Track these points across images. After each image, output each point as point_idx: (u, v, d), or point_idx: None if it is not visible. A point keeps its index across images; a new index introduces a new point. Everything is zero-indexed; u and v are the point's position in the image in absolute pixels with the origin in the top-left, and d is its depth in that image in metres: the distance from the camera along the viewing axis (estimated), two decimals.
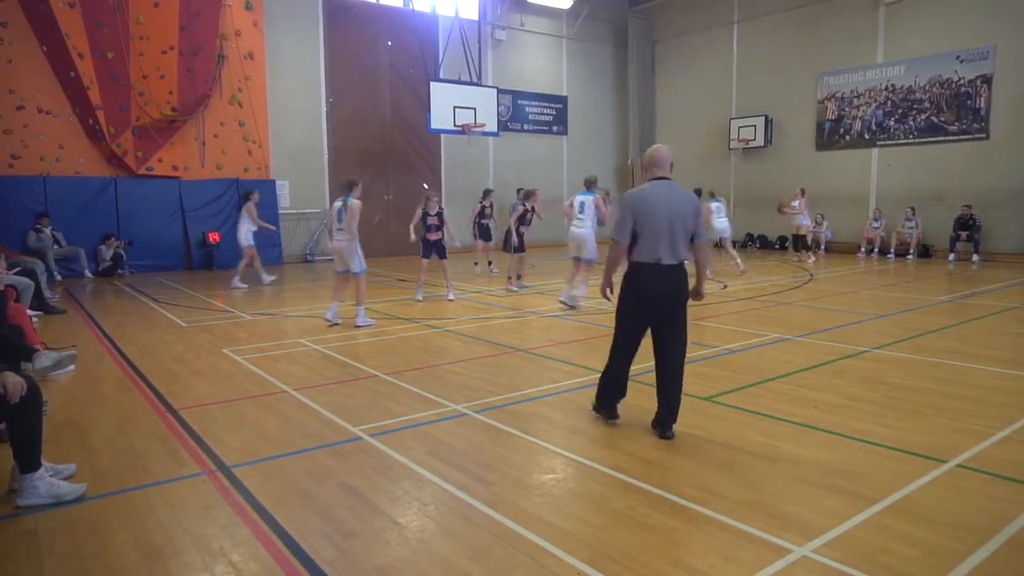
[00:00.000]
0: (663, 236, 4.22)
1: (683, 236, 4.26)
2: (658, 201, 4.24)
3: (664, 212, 4.22)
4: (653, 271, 4.24)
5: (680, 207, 4.26)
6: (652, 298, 4.27)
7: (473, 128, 15.82)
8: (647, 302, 4.30)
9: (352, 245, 8.27)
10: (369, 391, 5.47)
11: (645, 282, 4.28)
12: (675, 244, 4.24)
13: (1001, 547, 2.92)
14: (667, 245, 4.22)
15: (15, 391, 3.33)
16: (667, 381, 4.32)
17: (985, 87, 15.69)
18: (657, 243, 4.22)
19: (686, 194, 4.37)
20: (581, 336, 7.63)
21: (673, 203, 4.25)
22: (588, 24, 22.33)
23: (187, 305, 10.14)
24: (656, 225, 4.21)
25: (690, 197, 4.38)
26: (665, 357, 4.35)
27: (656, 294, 4.27)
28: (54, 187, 13.76)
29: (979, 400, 5.06)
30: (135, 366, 6.38)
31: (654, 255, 4.24)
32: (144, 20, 14.50)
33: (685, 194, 4.37)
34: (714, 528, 3.12)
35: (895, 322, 8.15)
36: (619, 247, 4.39)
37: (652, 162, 4.43)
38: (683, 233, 4.25)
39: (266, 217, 16.27)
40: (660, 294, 4.27)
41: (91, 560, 2.93)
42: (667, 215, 4.22)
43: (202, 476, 3.79)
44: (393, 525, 3.20)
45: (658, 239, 4.22)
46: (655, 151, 4.46)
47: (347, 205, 8.22)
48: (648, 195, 4.29)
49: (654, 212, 4.22)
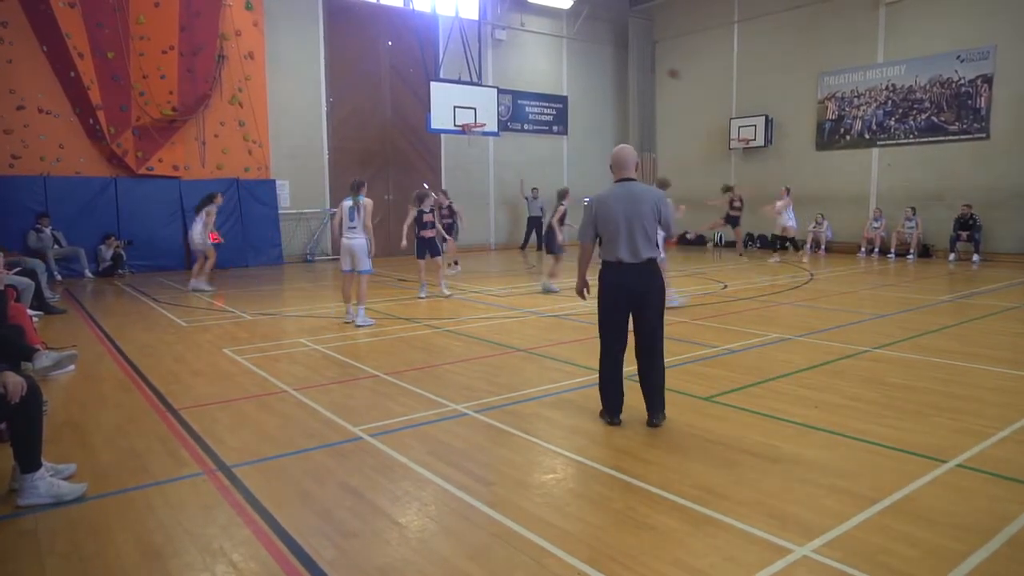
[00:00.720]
0: (622, 237, 4.41)
1: (643, 236, 4.42)
2: (617, 204, 4.44)
3: (622, 214, 4.40)
4: (617, 270, 4.46)
5: (640, 207, 4.41)
6: (618, 291, 4.47)
7: (473, 128, 15.83)
8: (614, 294, 4.50)
9: (366, 243, 8.30)
10: (369, 391, 5.47)
11: (611, 279, 4.51)
12: (634, 244, 4.41)
13: (1002, 547, 2.92)
14: (626, 246, 4.41)
15: (15, 391, 3.33)
16: (647, 355, 4.48)
17: (986, 87, 15.68)
18: (616, 244, 4.43)
19: (648, 193, 4.51)
20: (581, 336, 7.62)
21: (632, 204, 4.41)
22: (588, 24, 22.33)
23: (187, 305, 10.14)
24: (615, 228, 4.42)
25: (651, 196, 4.50)
26: (642, 334, 4.50)
27: (623, 292, 4.46)
28: (54, 187, 13.76)
29: (979, 400, 5.06)
30: (135, 366, 6.38)
31: (615, 255, 4.45)
32: (144, 20, 14.50)
33: (647, 193, 4.50)
34: (714, 528, 3.12)
35: (895, 322, 8.15)
36: (583, 247, 4.67)
37: (616, 164, 4.61)
38: (642, 233, 4.41)
39: (266, 217, 16.38)
40: (627, 291, 4.46)
41: (91, 560, 2.93)
42: (625, 218, 4.40)
43: (202, 476, 3.79)
44: (393, 525, 3.20)
45: (616, 240, 4.43)
46: (618, 153, 4.62)
47: (360, 203, 8.23)
48: (608, 198, 4.50)
49: (612, 215, 4.43)
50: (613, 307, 4.53)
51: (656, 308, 4.52)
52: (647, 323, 4.47)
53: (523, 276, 13.69)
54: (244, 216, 16.03)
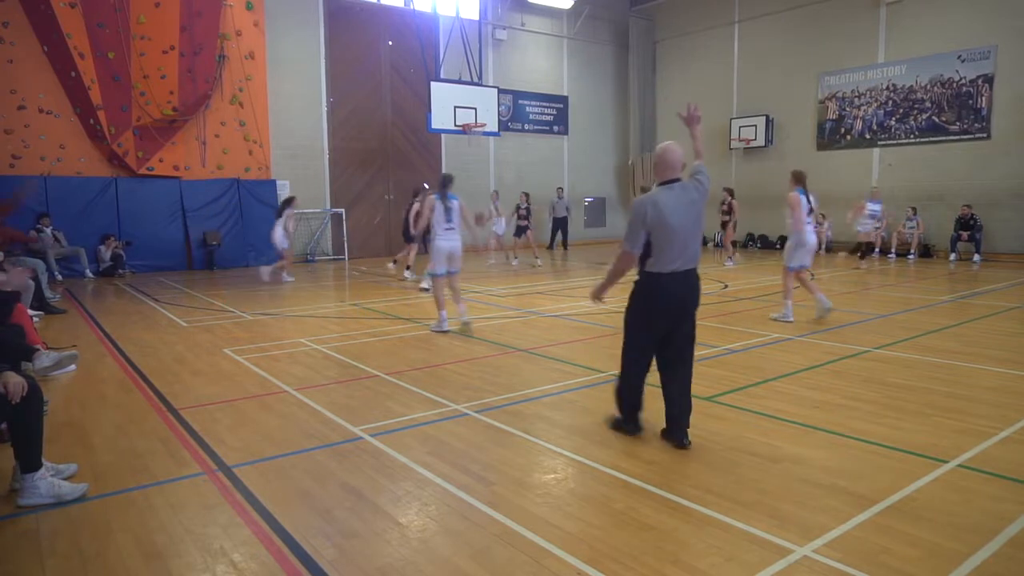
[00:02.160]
0: (678, 245, 4.02)
1: (696, 241, 4.13)
2: (674, 209, 4.00)
3: (679, 220, 3.99)
4: (670, 279, 4.07)
5: (694, 209, 4.08)
6: (669, 307, 4.10)
7: (474, 128, 15.83)
8: (663, 312, 4.11)
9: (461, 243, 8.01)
10: (370, 391, 5.47)
11: (661, 291, 4.08)
12: (690, 251, 4.09)
13: (1002, 547, 2.92)
14: (682, 254, 4.05)
15: (16, 391, 3.33)
16: (677, 380, 4.18)
17: (986, 87, 15.68)
18: (671, 253, 4.02)
19: (696, 192, 4.14)
20: (582, 336, 7.63)
21: (688, 207, 4.04)
22: (589, 24, 22.34)
23: (188, 305, 10.14)
24: (670, 235, 3.99)
25: (699, 195, 4.15)
26: (677, 354, 4.18)
27: (673, 303, 4.10)
28: (55, 187, 13.78)
29: (980, 400, 5.06)
30: (136, 366, 6.39)
31: (668, 265, 4.04)
32: (145, 20, 14.51)
33: (695, 193, 4.13)
34: (715, 528, 3.12)
35: (896, 322, 8.15)
36: (630, 258, 4.12)
37: (662, 164, 4.14)
38: (696, 238, 4.12)
39: (267, 217, 16.35)
40: (677, 302, 4.11)
41: (92, 560, 2.93)
42: (682, 224, 4.00)
43: (203, 476, 3.80)
44: (394, 525, 3.20)
45: (671, 249, 4.02)
46: (665, 152, 4.13)
47: (455, 204, 7.86)
48: (661, 204, 4.00)
49: (668, 221, 3.97)
50: (649, 328, 4.16)
51: (694, 323, 4.22)
52: (683, 336, 4.16)
53: (523, 276, 13.69)
54: (244, 216, 16.05)
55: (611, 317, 8.90)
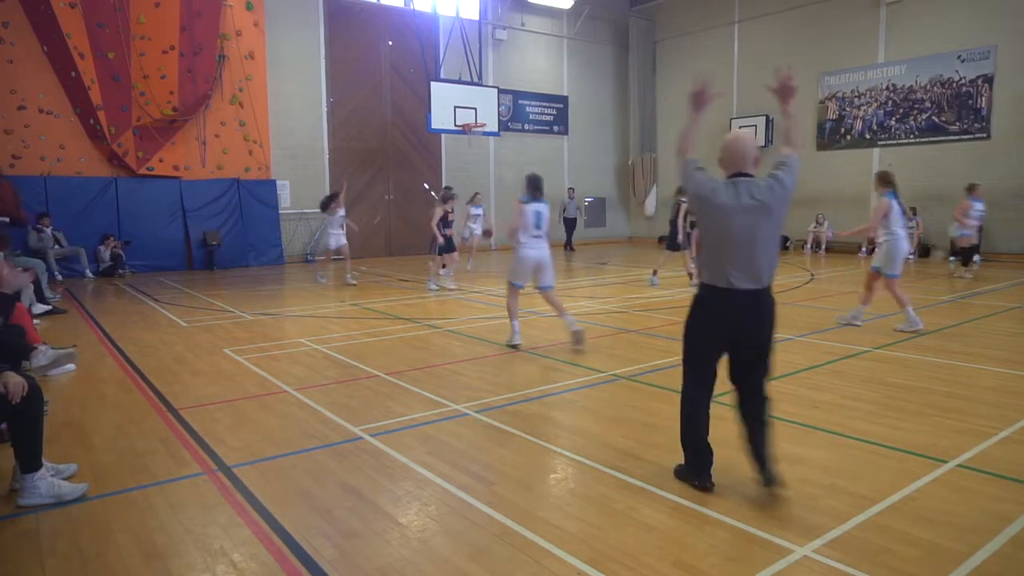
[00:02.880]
0: (737, 254, 3.28)
1: (766, 253, 3.30)
2: (733, 210, 3.28)
3: (740, 225, 3.27)
4: (725, 299, 3.33)
5: (763, 213, 3.27)
6: (721, 331, 3.42)
7: (474, 128, 15.83)
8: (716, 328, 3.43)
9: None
10: (370, 391, 5.47)
11: (712, 313, 3.42)
12: (755, 264, 3.28)
13: (1002, 547, 2.92)
14: (742, 265, 3.28)
15: (16, 391, 3.33)
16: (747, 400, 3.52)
17: (986, 87, 15.68)
18: (726, 261, 3.30)
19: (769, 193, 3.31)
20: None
21: (753, 210, 3.27)
22: (589, 24, 22.33)
23: (188, 305, 10.14)
24: (726, 238, 3.29)
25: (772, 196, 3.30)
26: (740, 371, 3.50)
27: (731, 329, 3.37)
28: (55, 187, 13.78)
29: (980, 400, 5.06)
30: (136, 366, 6.39)
31: (724, 277, 3.32)
32: (145, 20, 14.50)
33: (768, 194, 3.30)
34: (715, 528, 3.12)
35: (896, 322, 8.14)
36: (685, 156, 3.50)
37: (729, 156, 3.43)
38: (766, 248, 3.30)
39: (267, 217, 16.41)
40: (738, 330, 3.37)
41: (92, 560, 2.93)
42: (744, 230, 3.26)
43: (203, 476, 3.80)
44: (394, 525, 3.20)
45: (726, 256, 3.30)
46: (733, 141, 3.46)
47: (546, 209, 6.99)
48: (721, 194, 3.31)
49: (721, 219, 3.30)
50: (705, 342, 3.49)
51: (766, 348, 3.43)
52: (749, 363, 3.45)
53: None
54: (244, 216, 16.05)
55: (611, 317, 8.90)
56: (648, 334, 7.71)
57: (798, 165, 3.43)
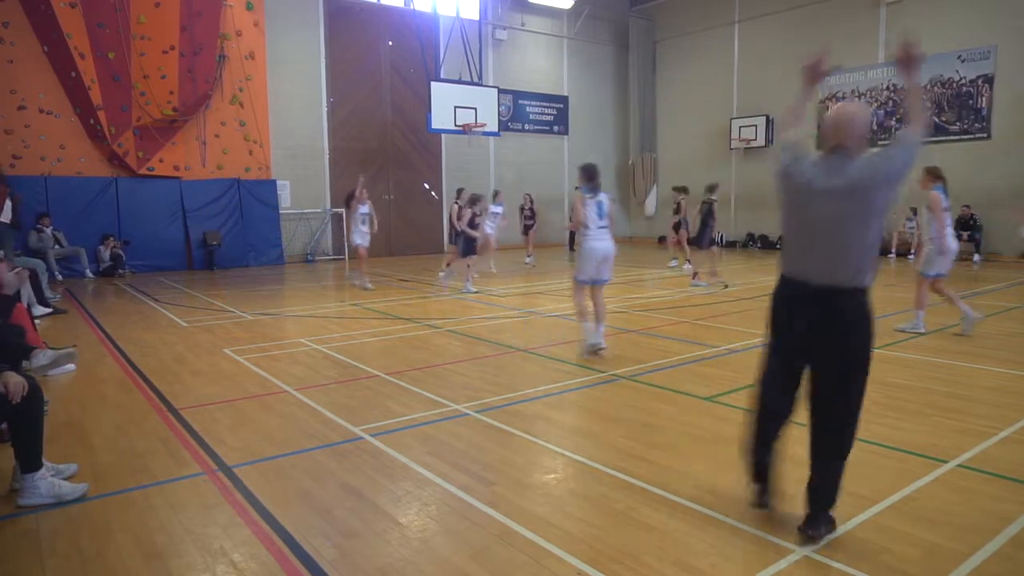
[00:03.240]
0: (810, 242, 2.88)
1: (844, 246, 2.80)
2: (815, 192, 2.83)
3: (818, 208, 2.83)
4: (789, 291, 2.97)
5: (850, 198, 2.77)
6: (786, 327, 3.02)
7: (474, 128, 15.83)
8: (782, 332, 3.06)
9: None
10: (370, 391, 5.47)
11: (780, 305, 3.02)
12: (829, 255, 2.83)
13: (1002, 547, 2.92)
14: (818, 256, 2.85)
15: (16, 391, 3.33)
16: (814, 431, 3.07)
17: (986, 87, 15.68)
18: (800, 250, 2.93)
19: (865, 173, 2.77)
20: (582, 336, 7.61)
21: (840, 194, 2.78)
22: (589, 24, 22.34)
23: (188, 305, 10.14)
24: (801, 221, 2.92)
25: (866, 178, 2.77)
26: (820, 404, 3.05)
27: (793, 324, 2.96)
28: (55, 187, 13.79)
29: (980, 400, 5.06)
30: (136, 366, 6.39)
31: (794, 267, 2.95)
32: (145, 20, 14.51)
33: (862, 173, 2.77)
34: (715, 528, 3.12)
35: (896, 322, 8.14)
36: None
37: (830, 126, 2.92)
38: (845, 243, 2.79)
39: (267, 217, 16.41)
40: (802, 327, 2.93)
41: (92, 560, 2.93)
42: (822, 215, 2.82)
43: (203, 476, 3.80)
44: (394, 525, 3.20)
45: (803, 245, 2.91)
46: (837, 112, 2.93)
47: (607, 199, 6.52)
48: (807, 169, 2.88)
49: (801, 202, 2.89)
50: (775, 343, 3.10)
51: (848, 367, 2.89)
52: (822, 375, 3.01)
53: (523, 276, 13.69)
54: (245, 216, 16.05)
55: (611, 317, 8.88)
56: (648, 334, 7.72)
57: (914, 144, 2.79)
